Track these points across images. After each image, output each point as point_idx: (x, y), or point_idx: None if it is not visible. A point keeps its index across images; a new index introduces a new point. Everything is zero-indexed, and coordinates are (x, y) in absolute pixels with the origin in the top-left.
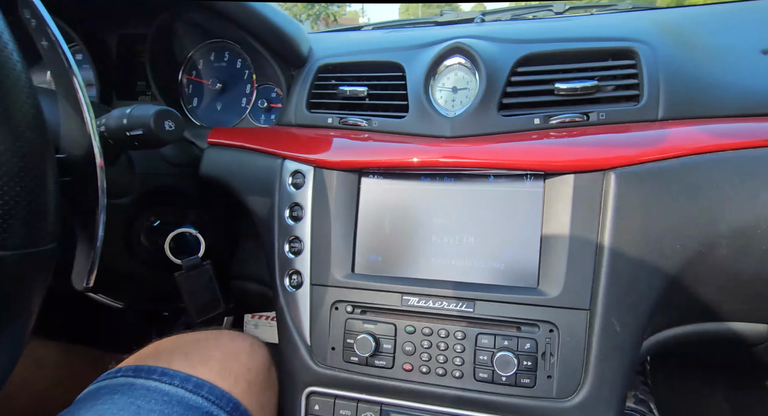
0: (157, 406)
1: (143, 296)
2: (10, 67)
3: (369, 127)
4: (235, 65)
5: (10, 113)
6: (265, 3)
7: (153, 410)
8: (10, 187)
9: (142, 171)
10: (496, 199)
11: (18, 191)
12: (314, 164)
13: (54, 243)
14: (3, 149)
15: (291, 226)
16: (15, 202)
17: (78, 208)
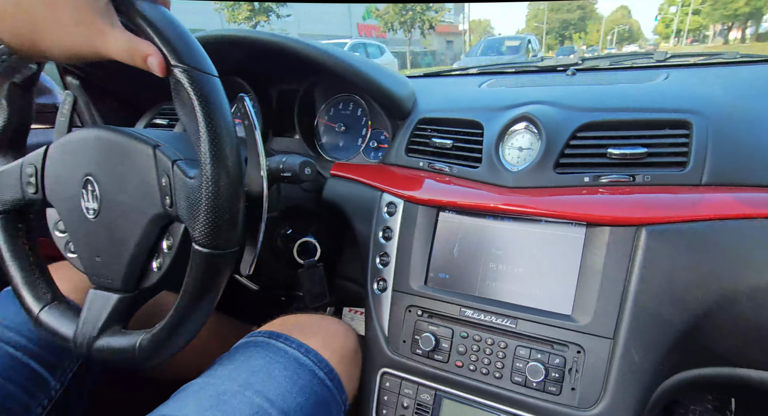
0: (281, 359)
1: (273, 284)
2: (228, 126)
3: (450, 172)
4: (356, 113)
5: (225, 156)
6: (381, 70)
7: (278, 361)
8: (222, 208)
9: (285, 194)
10: (544, 239)
11: (227, 204)
12: (404, 198)
13: (238, 247)
14: (223, 182)
15: (382, 244)
16: (224, 219)
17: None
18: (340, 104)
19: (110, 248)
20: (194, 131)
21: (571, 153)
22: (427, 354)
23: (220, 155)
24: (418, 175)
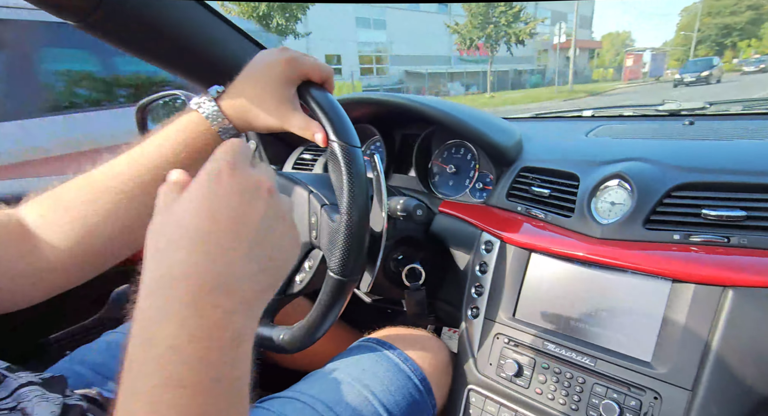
0: (384, 363)
1: (383, 299)
2: (363, 187)
3: (544, 218)
4: (467, 157)
5: (360, 210)
6: (490, 122)
7: (382, 364)
8: (353, 249)
9: (399, 226)
10: (628, 289)
11: (356, 245)
12: (501, 239)
13: (360, 275)
14: (356, 229)
15: (478, 276)
16: (353, 257)
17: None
18: (452, 149)
19: None
20: (339, 187)
21: (663, 211)
22: (510, 378)
23: (356, 209)
24: (515, 218)
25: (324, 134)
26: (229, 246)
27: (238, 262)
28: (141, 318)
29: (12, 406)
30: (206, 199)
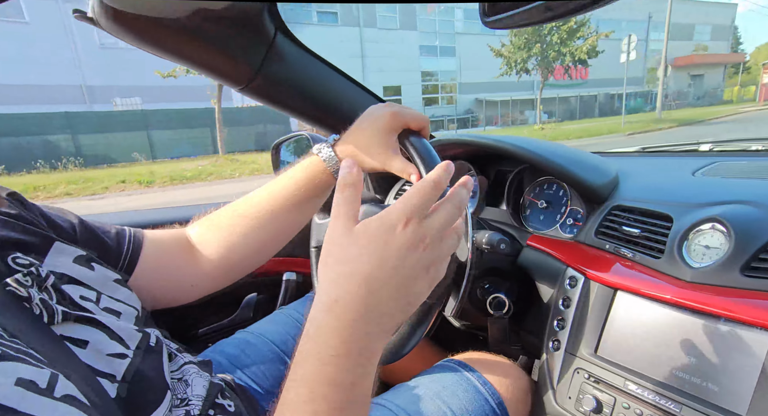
0: (464, 384)
1: (469, 324)
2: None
3: (632, 258)
4: (558, 193)
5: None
6: (582, 162)
7: (462, 384)
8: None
9: (487, 257)
10: (722, 337)
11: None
12: (586, 276)
13: (445, 299)
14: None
15: (561, 310)
16: (441, 284)
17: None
18: (544, 185)
19: None
20: None
21: (765, 258)
22: (588, 414)
23: None
24: (603, 256)
25: (418, 175)
26: (386, 289)
27: (388, 302)
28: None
29: (179, 377)
30: (378, 249)
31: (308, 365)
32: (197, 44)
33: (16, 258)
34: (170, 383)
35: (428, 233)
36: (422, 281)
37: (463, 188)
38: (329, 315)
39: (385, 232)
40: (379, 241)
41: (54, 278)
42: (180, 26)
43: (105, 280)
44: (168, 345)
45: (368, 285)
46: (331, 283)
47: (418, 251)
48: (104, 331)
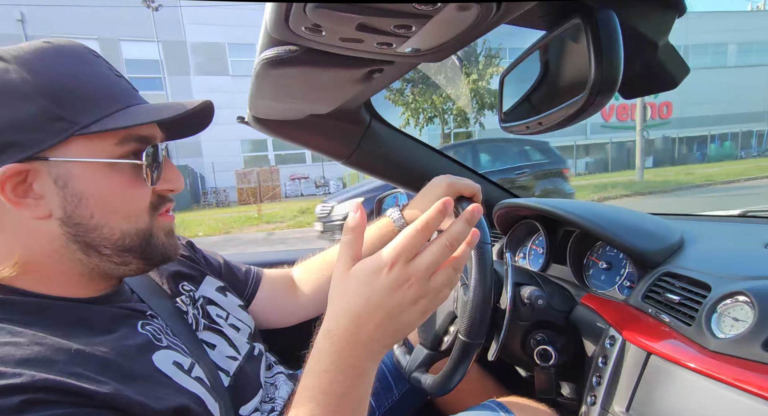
0: None
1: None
2: (489, 273)
3: (668, 323)
4: (619, 256)
5: (484, 291)
6: (635, 228)
7: None
8: (476, 319)
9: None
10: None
11: (479, 315)
12: (623, 336)
13: (482, 341)
14: (479, 305)
15: (600, 367)
16: (475, 325)
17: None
18: (607, 246)
19: (428, 324)
20: (471, 272)
21: None
22: None
23: (480, 289)
24: (644, 319)
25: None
26: (372, 323)
27: (376, 332)
28: (316, 348)
29: (272, 382)
30: (366, 289)
31: (309, 376)
32: (311, 133)
33: (183, 285)
34: (263, 384)
35: (413, 273)
36: (409, 314)
37: (463, 223)
38: (325, 341)
39: (371, 274)
40: (367, 283)
41: (202, 300)
42: (299, 123)
43: (233, 305)
44: (268, 357)
45: (356, 319)
46: (330, 315)
47: (402, 289)
48: (226, 340)
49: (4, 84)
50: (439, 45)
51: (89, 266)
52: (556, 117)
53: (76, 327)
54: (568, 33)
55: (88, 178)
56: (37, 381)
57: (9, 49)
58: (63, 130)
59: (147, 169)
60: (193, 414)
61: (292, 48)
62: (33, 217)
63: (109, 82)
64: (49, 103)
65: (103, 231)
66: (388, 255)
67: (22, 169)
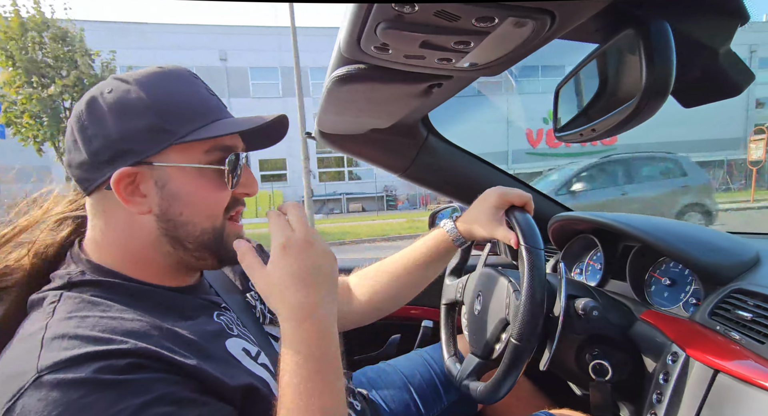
0: None
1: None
2: (541, 280)
3: (739, 341)
4: (684, 272)
5: (535, 296)
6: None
7: None
8: (527, 322)
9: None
10: None
11: (531, 319)
12: (687, 353)
13: (535, 344)
14: (530, 309)
15: (661, 384)
16: (527, 328)
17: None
18: (671, 262)
19: (479, 332)
20: (523, 277)
21: None
22: None
23: (532, 292)
24: (711, 336)
25: (516, 240)
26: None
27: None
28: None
29: None
30: (283, 272)
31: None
32: (371, 147)
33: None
34: None
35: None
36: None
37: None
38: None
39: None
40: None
41: None
42: (360, 138)
43: None
44: None
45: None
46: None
47: (305, 250)
48: None
49: (126, 102)
50: (495, 59)
51: (175, 258)
52: (609, 123)
53: (166, 311)
54: (621, 43)
55: (181, 181)
56: (140, 349)
57: (131, 73)
58: (165, 140)
59: (228, 174)
60: (260, 393)
61: (360, 66)
62: (137, 213)
63: (203, 99)
64: (157, 117)
65: (188, 228)
66: (276, 241)
67: (132, 172)
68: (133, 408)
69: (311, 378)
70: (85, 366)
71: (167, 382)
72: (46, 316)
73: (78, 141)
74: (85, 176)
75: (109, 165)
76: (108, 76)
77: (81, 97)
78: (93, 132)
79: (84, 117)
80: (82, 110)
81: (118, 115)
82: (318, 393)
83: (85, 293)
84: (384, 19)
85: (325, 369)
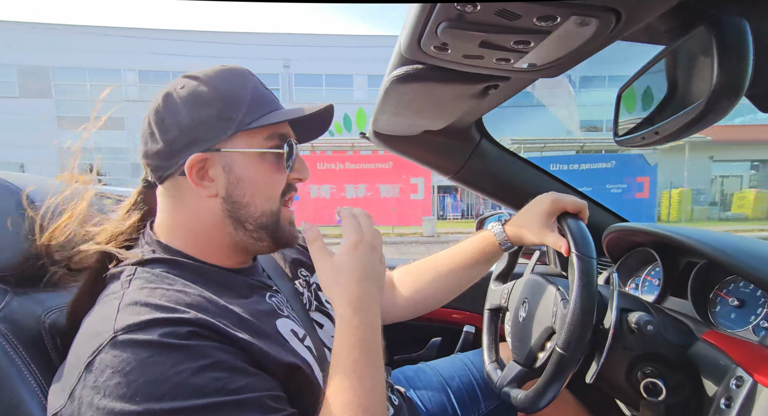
0: None
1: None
2: (591, 290)
3: None
4: (756, 293)
5: (584, 306)
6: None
7: None
8: (574, 331)
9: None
10: None
11: (578, 328)
12: (753, 378)
13: (581, 356)
14: (577, 320)
15: (722, 409)
16: (574, 338)
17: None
18: (741, 282)
19: (523, 340)
20: (572, 285)
21: None
22: None
23: (581, 302)
24: None
25: (567, 247)
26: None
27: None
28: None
29: None
30: (354, 264)
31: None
32: (423, 149)
33: (301, 271)
34: None
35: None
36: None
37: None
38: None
39: (350, 253)
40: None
41: (315, 286)
42: (413, 139)
43: None
44: None
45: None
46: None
47: (373, 252)
48: (332, 322)
49: (197, 94)
50: (554, 60)
51: (236, 239)
52: (673, 125)
53: (222, 289)
54: (691, 42)
55: (245, 165)
56: (200, 319)
57: (199, 71)
58: (231, 127)
59: (287, 158)
60: (304, 374)
61: (419, 66)
62: (206, 195)
63: (262, 92)
64: (224, 106)
65: (249, 209)
66: (350, 238)
67: (203, 158)
68: (192, 370)
69: (360, 359)
70: (153, 329)
71: (222, 351)
72: (122, 287)
73: (155, 132)
74: (160, 164)
75: (183, 152)
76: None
77: (156, 95)
78: (169, 122)
79: (161, 109)
80: (159, 104)
81: (191, 105)
82: (367, 373)
83: (155, 269)
84: (446, 18)
85: (372, 354)
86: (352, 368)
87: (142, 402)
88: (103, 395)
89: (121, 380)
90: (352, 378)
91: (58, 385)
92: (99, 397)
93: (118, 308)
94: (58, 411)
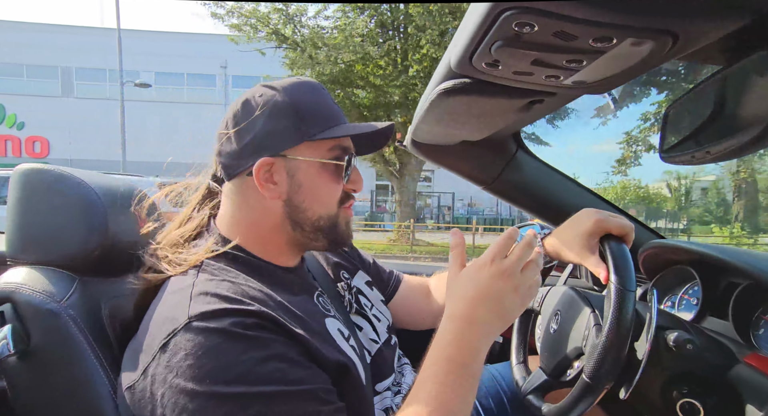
0: None
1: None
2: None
3: None
4: None
5: (616, 336)
6: None
7: None
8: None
9: (684, 361)
10: None
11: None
12: None
13: (606, 386)
14: (610, 344)
15: None
16: (602, 371)
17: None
18: None
19: (553, 352)
20: (607, 316)
21: None
22: None
23: (615, 334)
24: None
25: (606, 274)
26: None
27: (487, 314)
28: (441, 327)
29: (400, 370)
30: (474, 280)
31: (436, 348)
32: (459, 159)
33: (343, 274)
34: (395, 369)
35: (508, 266)
36: (511, 300)
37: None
38: (447, 322)
39: (477, 270)
40: (475, 276)
41: (355, 288)
42: (450, 149)
43: (377, 298)
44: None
45: (470, 304)
46: (449, 305)
47: (502, 279)
48: (371, 326)
49: (274, 104)
50: (604, 78)
51: (292, 238)
52: (727, 146)
53: (277, 286)
54: (749, 65)
55: (307, 173)
56: (263, 312)
57: (276, 82)
58: (300, 137)
59: (345, 170)
60: (351, 372)
61: (467, 80)
62: (269, 198)
63: (329, 106)
64: (297, 118)
65: (307, 214)
66: (486, 256)
67: (270, 162)
68: (256, 359)
69: (439, 376)
70: (223, 318)
71: (282, 343)
72: (193, 277)
73: (231, 135)
74: (232, 163)
75: (253, 155)
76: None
77: (236, 100)
78: (246, 127)
79: (239, 114)
80: (239, 109)
81: (267, 114)
82: (450, 391)
83: (219, 262)
84: (502, 37)
85: (462, 376)
86: (426, 383)
87: (211, 384)
88: (175, 374)
89: (193, 362)
90: (421, 392)
91: (130, 363)
92: (172, 376)
93: (190, 296)
94: (131, 384)
